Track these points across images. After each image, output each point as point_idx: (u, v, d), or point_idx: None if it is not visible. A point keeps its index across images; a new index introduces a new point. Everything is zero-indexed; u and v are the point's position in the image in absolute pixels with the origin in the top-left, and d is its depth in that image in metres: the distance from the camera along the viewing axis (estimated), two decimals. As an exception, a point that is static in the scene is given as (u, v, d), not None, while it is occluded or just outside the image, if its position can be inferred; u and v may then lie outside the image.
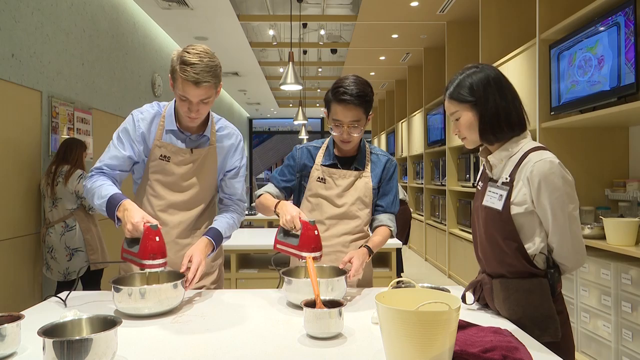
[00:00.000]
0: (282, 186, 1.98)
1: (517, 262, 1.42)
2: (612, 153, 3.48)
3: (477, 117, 1.46)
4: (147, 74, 6.05)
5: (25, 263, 3.48)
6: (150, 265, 1.50)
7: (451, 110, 1.52)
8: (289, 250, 1.67)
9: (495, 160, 1.51)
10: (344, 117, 1.81)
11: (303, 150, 2.00)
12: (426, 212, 7.57)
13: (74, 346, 1.02)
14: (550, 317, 1.39)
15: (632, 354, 2.59)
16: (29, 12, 3.55)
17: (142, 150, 1.82)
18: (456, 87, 1.50)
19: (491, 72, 1.48)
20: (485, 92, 1.45)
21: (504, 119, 1.45)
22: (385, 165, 1.97)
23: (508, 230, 1.43)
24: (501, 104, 1.45)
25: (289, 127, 17.32)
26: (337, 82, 1.85)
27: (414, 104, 8.37)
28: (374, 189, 1.94)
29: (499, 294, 1.46)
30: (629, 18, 2.67)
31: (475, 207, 1.61)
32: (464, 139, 1.54)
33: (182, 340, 1.29)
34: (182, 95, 1.70)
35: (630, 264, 2.65)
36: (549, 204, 1.39)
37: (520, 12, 4.66)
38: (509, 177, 1.45)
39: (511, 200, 1.43)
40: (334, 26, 7.47)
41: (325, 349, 1.23)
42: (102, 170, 1.79)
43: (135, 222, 1.54)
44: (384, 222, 1.94)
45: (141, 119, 1.82)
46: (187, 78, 1.65)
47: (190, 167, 1.84)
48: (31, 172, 3.57)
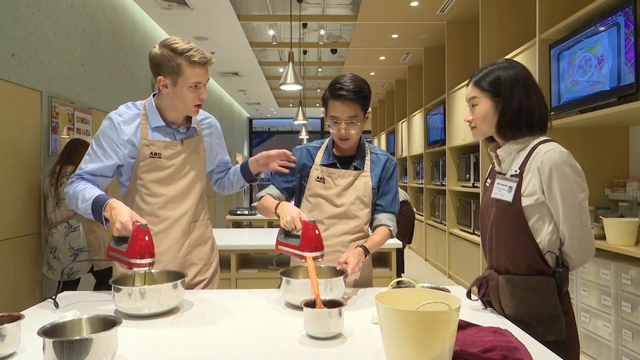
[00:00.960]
0: (282, 187, 1.98)
1: (528, 256, 1.43)
2: (612, 153, 3.48)
3: (496, 110, 1.48)
4: (147, 74, 6.05)
5: (25, 263, 3.48)
6: (139, 264, 1.50)
7: (471, 95, 1.53)
8: (291, 250, 1.67)
9: (504, 153, 1.52)
10: (341, 113, 1.82)
11: (302, 151, 2.01)
12: (426, 212, 7.57)
13: (74, 346, 1.02)
14: (555, 315, 1.39)
15: (632, 354, 2.59)
16: (29, 12, 3.55)
17: (128, 153, 1.79)
18: (483, 76, 1.51)
19: (522, 71, 1.49)
20: (512, 88, 1.46)
21: (525, 118, 1.46)
22: (385, 165, 1.97)
23: (519, 223, 1.43)
24: (525, 102, 1.46)
25: (289, 127, 17.33)
26: (334, 79, 1.86)
27: (414, 104, 8.37)
28: (373, 188, 1.94)
29: (505, 291, 1.46)
30: (629, 18, 2.67)
31: (484, 202, 1.61)
32: (474, 128, 1.55)
33: (182, 340, 1.29)
34: (194, 82, 1.72)
35: (630, 264, 2.65)
36: (560, 192, 1.39)
37: (520, 12, 4.66)
38: (518, 170, 1.46)
39: (521, 191, 1.43)
40: (334, 26, 7.47)
41: (325, 349, 1.23)
42: (83, 177, 1.76)
43: (124, 221, 1.53)
44: (384, 221, 1.94)
45: (122, 122, 1.79)
46: (199, 61, 1.69)
47: (182, 159, 1.85)
48: (31, 172, 3.57)
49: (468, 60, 6.07)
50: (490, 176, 1.63)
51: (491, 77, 1.49)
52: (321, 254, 1.61)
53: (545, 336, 1.36)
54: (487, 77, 1.50)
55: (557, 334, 1.38)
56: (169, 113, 1.83)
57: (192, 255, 1.90)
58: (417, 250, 8.23)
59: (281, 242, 1.71)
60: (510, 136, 1.49)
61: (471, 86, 1.54)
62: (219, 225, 9.89)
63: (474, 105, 1.53)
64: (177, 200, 1.86)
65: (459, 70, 6.16)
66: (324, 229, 1.89)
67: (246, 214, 5.73)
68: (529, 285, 1.42)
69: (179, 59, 1.68)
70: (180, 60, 1.68)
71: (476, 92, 1.52)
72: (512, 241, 1.45)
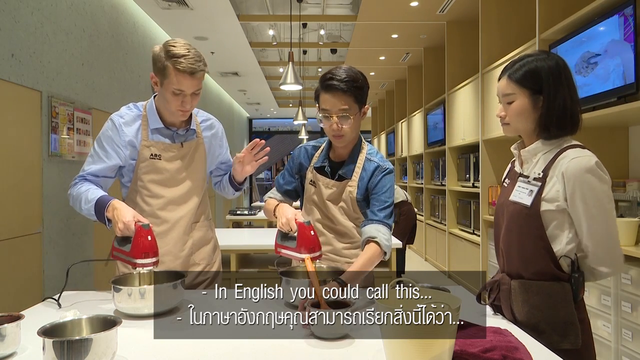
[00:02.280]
0: (283, 189, 1.93)
1: (542, 262, 1.36)
2: (612, 153, 3.48)
3: (534, 107, 1.38)
4: (147, 74, 6.03)
5: (25, 263, 3.48)
6: (143, 264, 1.51)
7: (506, 92, 1.41)
8: (289, 253, 1.66)
9: (528, 154, 1.44)
10: (332, 106, 1.68)
11: (301, 150, 1.94)
12: (426, 212, 7.57)
13: (73, 346, 1.02)
14: (571, 323, 1.33)
15: (632, 354, 2.59)
16: (29, 12, 3.55)
17: (129, 155, 1.80)
18: (520, 69, 1.39)
19: (561, 62, 1.39)
20: (555, 83, 1.36)
21: (570, 115, 1.37)
22: (374, 173, 1.79)
23: (535, 228, 1.36)
24: (570, 97, 1.37)
25: (289, 127, 17.32)
26: (327, 71, 1.74)
27: (414, 104, 8.37)
28: (358, 200, 1.79)
29: (518, 296, 1.39)
30: (628, 18, 2.66)
31: (499, 203, 1.53)
32: (506, 124, 1.45)
33: (182, 340, 1.29)
34: (177, 89, 1.70)
35: (630, 264, 2.64)
36: (583, 203, 1.32)
37: (520, 12, 4.66)
38: (541, 173, 1.38)
39: (542, 196, 1.36)
40: (333, 26, 7.47)
41: (325, 349, 1.23)
42: (86, 178, 1.77)
43: (127, 221, 1.55)
44: (372, 234, 1.68)
45: (123, 124, 1.81)
46: (183, 69, 1.66)
47: (182, 161, 1.85)
48: (31, 172, 3.57)
49: (468, 60, 6.07)
50: (509, 176, 1.55)
51: (529, 71, 1.37)
52: (319, 254, 1.59)
53: (560, 344, 1.30)
54: (524, 71, 1.38)
55: (572, 343, 1.32)
56: (167, 114, 1.83)
57: (194, 255, 1.91)
58: (417, 250, 8.23)
59: (279, 244, 1.71)
60: (555, 134, 1.39)
61: (506, 81, 1.41)
62: (219, 225, 9.89)
63: (509, 102, 1.41)
64: (177, 202, 1.86)
65: (459, 70, 6.16)
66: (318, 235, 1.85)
67: (246, 214, 5.73)
68: (544, 291, 1.35)
69: (167, 61, 1.69)
70: (167, 63, 1.69)
71: (512, 87, 1.39)
72: (526, 245, 1.39)
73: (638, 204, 3.10)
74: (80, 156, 4.20)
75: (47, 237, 3.72)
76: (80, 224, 4.23)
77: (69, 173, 4.04)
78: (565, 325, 1.33)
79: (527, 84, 1.38)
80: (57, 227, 3.86)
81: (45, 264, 3.67)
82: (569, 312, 1.34)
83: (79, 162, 4.21)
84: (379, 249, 1.67)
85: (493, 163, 4.79)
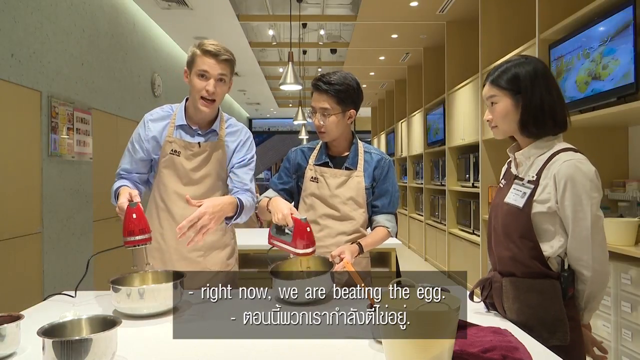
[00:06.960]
0: (279, 189, 1.99)
1: (530, 262, 1.40)
2: (612, 153, 3.48)
3: (516, 107, 1.44)
4: (147, 74, 6.05)
5: (25, 263, 3.48)
6: (130, 241, 1.56)
7: (489, 94, 1.49)
8: (283, 246, 1.69)
9: (523, 157, 1.49)
10: (316, 103, 1.86)
11: (297, 152, 2.02)
12: (426, 212, 7.57)
13: (73, 346, 1.02)
14: (559, 320, 1.37)
15: (632, 354, 2.59)
16: (29, 12, 3.55)
17: (151, 149, 1.88)
18: (500, 74, 1.47)
19: (539, 65, 1.46)
20: (532, 84, 1.42)
21: (549, 113, 1.42)
22: (379, 164, 1.94)
23: (525, 229, 1.40)
24: (547, 97, 1.42)
25: (288, 127, 17.31)
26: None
27: (414, 104, 8.36)
28: (367, 188, 1.92)
29: (509, 293, 1.44)
30: (628, 18, 2.66)
31: (494, 203, 1.58)
32: (495, 127, 1.51)
33: (182, 340, 1.29)
34: (201, 70, 1.77)
35: (630, 264, 2.64)
36: (572, 205, 1.36)
37: (520, 12, 4.66)
38: (535, 176, 1.42)
39: (535, 198, 1.40)
40: (333, 26, 7.47)
41: (324, 348, 1.23)
42: (121, 174, 1.91)
43: (119, 203, 1.63)
44: (381, 222, 1.94)
45: (151, 120, 1.91)
46: (208, 50, 1.76)
47: (199, 160, 1.88)
48: (31, 172, 3.57)
49: (468, 60, 6.06)
50: (505, 177, 1.59)
51: (509, 75, 1.45)
52: (313, 250, 1.63)
53: (548, 341, 1.33)
54: (504, 75, 1.46)
55: (561, 339, 1.35)
56: (193, 113, 1.88)
57: (205, 259, 1.90)
58: (417, 250, 8.24)
59: (274, 237, 1.74)
60: (536, 133, 1.45)
61: (488, 86, 1.50)
62: (218, 225, 9.87)
63: (493, 103, 1.49)
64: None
65: (459, 70, 6.16)
66: (319, 229, 1.89)
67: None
68: (534, 288, 1.39)
69: (196, 50, 1.79)
70: (195, 50, 1.79)
71: (494, 90, 1.47)
72: (516, 245, 1.42)
73: (638, 204, 3.10)
74: (80, 156, 4.20)
75: (47, 237, 3.72)
76: (80, 224, 4.23)
77: (69, 173, 4.04)
78: (554, 322, 1.37)
79: (507, 86, 1.45)
80: (57, 227, 3.86)
81: (45, 263, 3.68)
82: (559, 309, 1.38)
83: (79, 162, 4.21)
84: (388, 233, 1.94)
85: (493, 163, 4.79)
